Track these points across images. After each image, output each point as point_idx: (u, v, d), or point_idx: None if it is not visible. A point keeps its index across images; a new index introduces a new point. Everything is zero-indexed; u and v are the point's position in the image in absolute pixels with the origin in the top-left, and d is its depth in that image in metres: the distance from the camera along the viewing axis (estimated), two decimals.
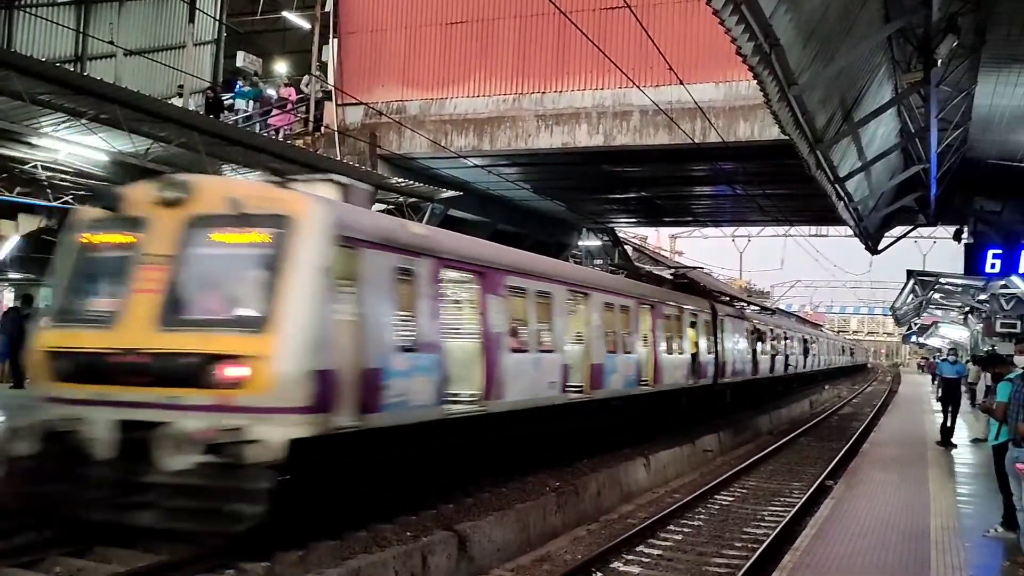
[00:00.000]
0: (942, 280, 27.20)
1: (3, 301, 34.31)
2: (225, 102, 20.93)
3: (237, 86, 22.13)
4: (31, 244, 22.38)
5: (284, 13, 22.53)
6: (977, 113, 14.35)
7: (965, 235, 22.20)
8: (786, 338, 34.72)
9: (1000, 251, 16.45)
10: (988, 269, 16.66)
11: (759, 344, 27.57)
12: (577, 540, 11.04)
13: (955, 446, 17.55)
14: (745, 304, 31.04)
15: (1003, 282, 20.57)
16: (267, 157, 15.34)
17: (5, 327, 16.47)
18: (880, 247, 28.03)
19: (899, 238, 28.09)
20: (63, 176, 14.56)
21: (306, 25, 22.23)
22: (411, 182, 18.28)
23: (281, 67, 25.44)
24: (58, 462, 7.86)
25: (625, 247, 38.77)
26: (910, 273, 28.41)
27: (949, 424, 18.10)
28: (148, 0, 21.57)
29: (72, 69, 16.61)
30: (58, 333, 8.40)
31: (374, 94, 20.28)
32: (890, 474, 13.88)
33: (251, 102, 21.30)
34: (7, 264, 28.01)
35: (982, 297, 25.22)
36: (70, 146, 13.42)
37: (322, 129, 20.49)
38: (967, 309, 31.27)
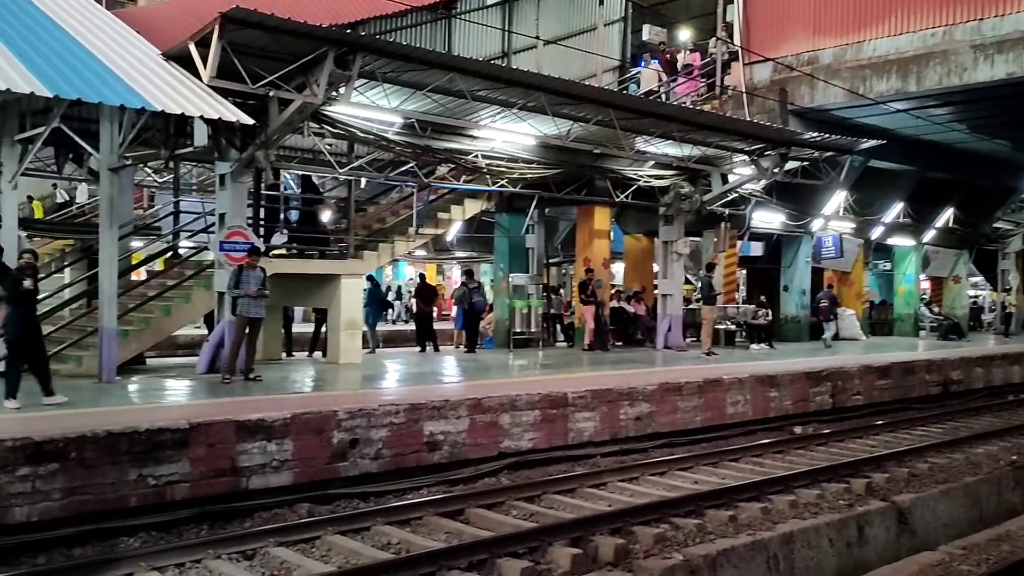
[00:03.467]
0: None
1: (453, 277, 39.47)
2: None
3: (641, 61, 22.68)
4: (472, 226, 25.47)
5: None
6: None
7: None
8: None
9: None
10: None
11: None
12: None
13: None
14: None
15: None
16: (677, 125, 15.62)
17: (461, 300, 18.98)
18: None
19: None
20: (499, 163, 16.25)
21: None
22: (825, 135, 17.33)
23: (684, 35, 25.55)
24: None
25: None
26: None
27: None
28: None
29: (502, 65, 18.45)
30: None
31: (782, 48, 19.47)
32: None
33: None
34: (455, 244, 32.12)
35: None
36: (504, 134, 14.94)
37: (729, 91, 20.24)
38: None
